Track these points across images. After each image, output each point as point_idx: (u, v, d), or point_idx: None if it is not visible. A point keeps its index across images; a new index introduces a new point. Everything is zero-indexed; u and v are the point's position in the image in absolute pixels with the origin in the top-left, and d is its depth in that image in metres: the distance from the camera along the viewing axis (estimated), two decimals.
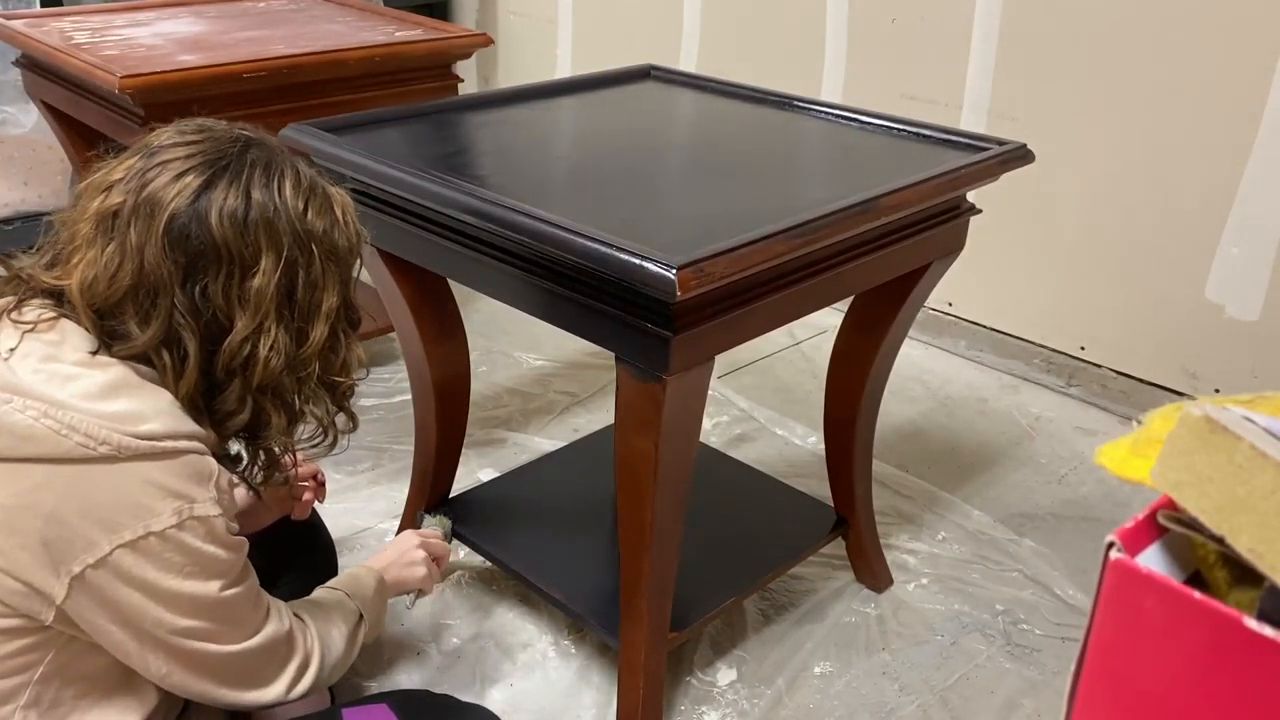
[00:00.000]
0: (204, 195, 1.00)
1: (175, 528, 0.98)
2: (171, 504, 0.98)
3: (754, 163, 1.49)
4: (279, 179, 1.04)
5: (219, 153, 1.02)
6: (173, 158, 1.01)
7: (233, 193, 1.01)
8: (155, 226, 0.99)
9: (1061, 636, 1.71)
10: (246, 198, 1.01)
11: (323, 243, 1.05)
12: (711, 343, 1.20)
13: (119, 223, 1.00)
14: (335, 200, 1.09)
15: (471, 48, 2.19)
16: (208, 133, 1.05)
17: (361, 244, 1.12)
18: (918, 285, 1.51)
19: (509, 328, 2.61)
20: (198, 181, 1.00)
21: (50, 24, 2.16)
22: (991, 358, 2.57)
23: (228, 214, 1.00)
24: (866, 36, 2.59)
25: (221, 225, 0.99)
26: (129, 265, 0.99)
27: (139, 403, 0.98)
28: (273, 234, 1.02)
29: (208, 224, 0.99)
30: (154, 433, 0.97)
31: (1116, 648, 0.63)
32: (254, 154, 1.04)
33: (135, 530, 0.96)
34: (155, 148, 1.03)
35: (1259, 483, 0.58)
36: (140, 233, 0.99)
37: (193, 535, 0.99)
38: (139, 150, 1.04)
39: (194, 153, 1.02)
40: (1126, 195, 2.25)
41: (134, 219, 0.99)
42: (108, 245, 1.00)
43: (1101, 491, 2.08)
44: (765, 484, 1.84)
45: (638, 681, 1.43)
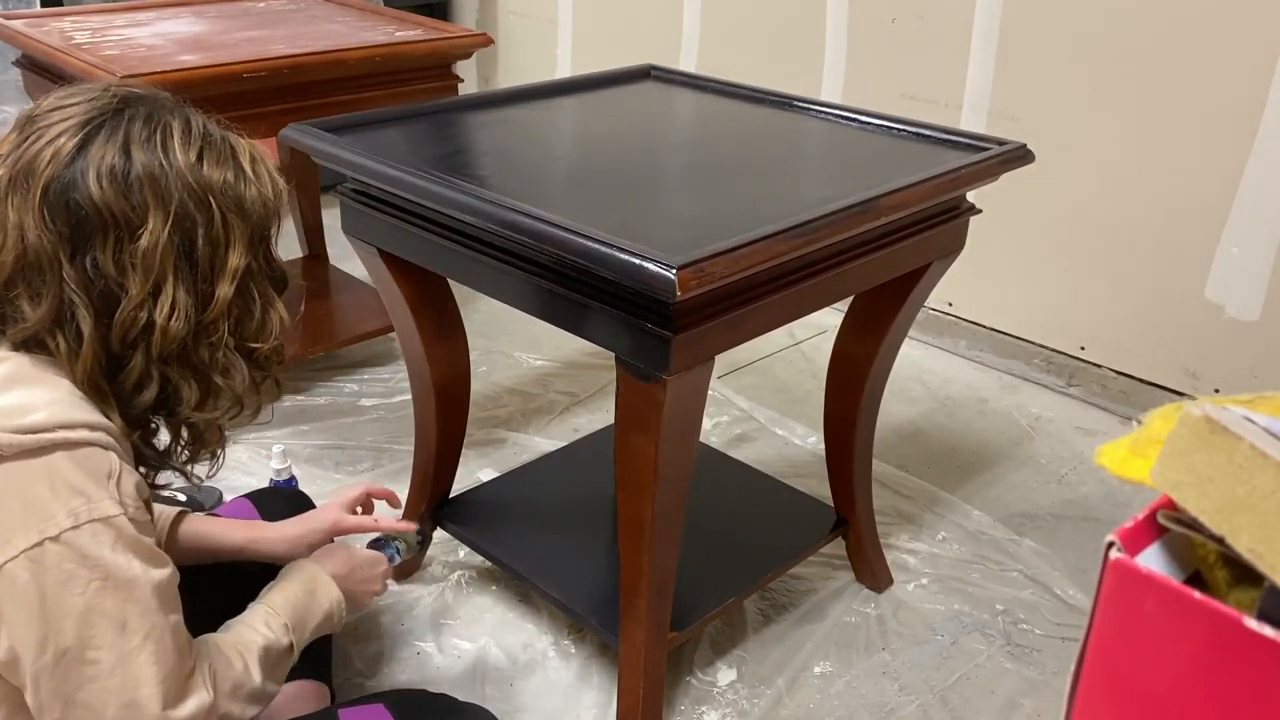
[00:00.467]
0: (80, 158, 0.93)
1: (73, 530, 0.88)
2: (65, 503, 0.88)
3: (754, 163, 1.49)
4: (163, 131, 0.97)
5: (94, 111, 0.96)
6: (47, 124, 0.95)
7: (110, 150, 0.94)
8: (32, 198, 0.93)
9: (1061, 636, 1.71)
10: (125, 154, 0.94)
11: (223, 194, 0.98)
12: (711, 343, 1.20)
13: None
14: (240, 150, 1.02)
15: (471, 48, 2.19)
16: (84, 94, 0.98)
17: (279, 196, 1.05)
18: (918, 285, 1.51)
19: (509, 328, 2.61)
20: (72, 143, 0.93)
21: (50, 24, 2.16)
22: (991, 358, 2.57)
23: (105, 173, 0.93)
24: (866, 36, 2.59)
25: (100, 187, 0.93)
26: (10, 242, 0.93)
27: (30, 394, 0.92)
28: (159, 189, 0.95)
29: (86, 188, 0.93)
30: (41, 424, 0.89)
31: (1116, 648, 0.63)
32: (133, 109, 0.98)
33: (29, 537, 0.87)
34: (32, 116, 0.97)
35: (1259, 483, 0.58)
36: (18, 207, 0.93)
37: (94, 540, 0.89)
38: (21, 121, 0.98)
39: (68, 115, 0.95)
40: (1126, 195, 2.25)
41: (10, 193, 0.94)
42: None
43: (1101, 491, 2.08)
44: (765, 484, 1.84)
45: (638, 681, 1.43)
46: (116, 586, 0.91)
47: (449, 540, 1.79)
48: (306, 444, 2.14)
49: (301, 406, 2.27)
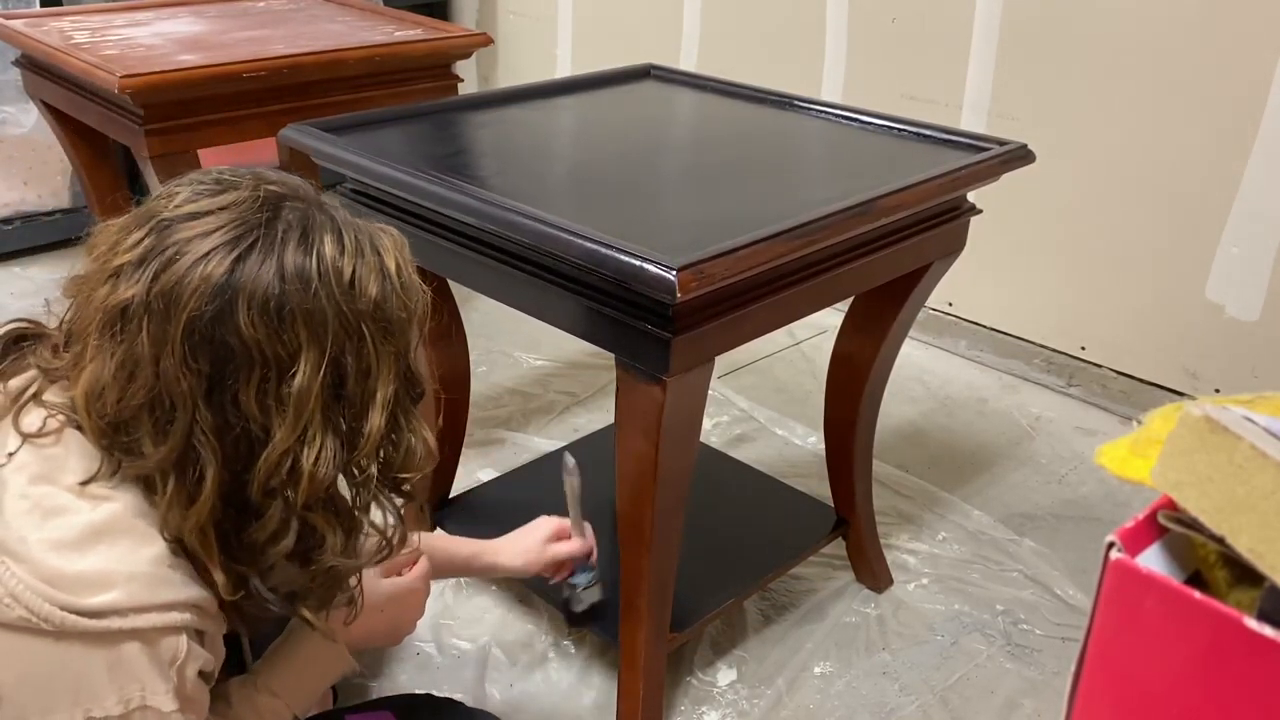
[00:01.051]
0: (229, 285, 0.82)
1: (120, 718, 0.83)
2: (118, 690, 0.82)
3: (754, 163, 1.49)
4: (319, 246, 0.86)
5: (245, 225, 0.85)
6: (190, 235, 0.84)
7: (264, 277, 0.83)
8: (173, 330, 0.82)
9: (1061, 636, 1.71)
10: (280, 281, 0.83)
11: (375, 317, 0.87)
12: (711, 344, 1.20)
13: (129, 323, 0.83)
14: (386, 253, 0.91)
15: (471, 47, 2.19)
16: (229, 194, 0.87)
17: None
18: (918, 286, 1.51)
19: (509, 328, 2.60)
20: (221, 269, 0.82)
21: (50, 24, 2.16)
22: (991, 358, 2.57)
23: (259, 306, 0.82)
24: (866, 36, 2.59)
25: (252, 323, 0.82)
26: (142, 376, 0.83)
27: (114, 559, 0.83)
28: (313, 323, 0.84)
29: (235, 323, 0.82)
30: (112, 607, 0.81)
31: (1116, 648, 0.63)
32: (287, 219, 0.86)
33: (71, 714, 0.82)
34: (168, 220, 0.85)
35: (1259, 483, 0.58)
36: (155, 337, 0.82)
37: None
38: (148, 219, 0.86)
39: (214, 227, 0.84)
40: (1126, 195, 2.25)
41: (147, 319, 0.82)
42: (116, 350, 0.83)
43: (1101, 491, 2.08)
44: (765, 484, 1.84)
45: (638, 682, 1.43)
46: None
47: None
48: None
49: None
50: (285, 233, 0.85)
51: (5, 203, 2.93)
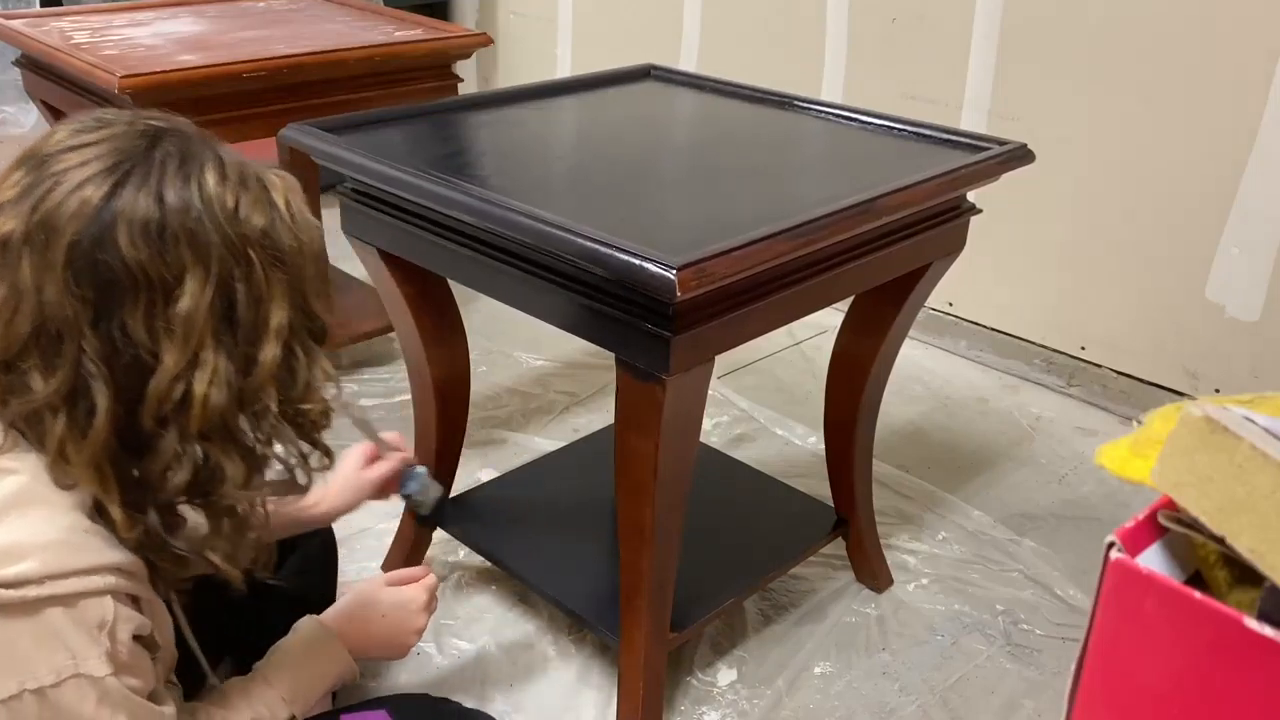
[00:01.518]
0: (107, 210, 0.82)
1: (54, 687, 0.83)
2: (49, 659, 0.83)
3: (754, 162, 1.49)
4: (199, 174, 0.86)
5: (122, 153, 0.85)
6: (67, 166, 0.84)
7: (143, 200, 0.83)
8: (54, 257, 0.82)
9: (1061, 636, 1.71)
10: (160, 204, 0.83)
11: (263, 245, 0.88)
12: (712, 343, 1.20)
13: (9, 255, 0.83)
14: (275, 189, 0.91)
15: (471, 48, 2.19)
16: (107, 129, 0.87)
17: (315, 238, 0.95)
18: (918, 285, 1.51)
19: (509, 328, 2.60)
20: (99, 194, 0.82)
21: (50, 24, 2.16)
22: (991, 358, 2.57)
23: (139, 229, 0.82)
24: (866, 36, 2.59)
25: (134, 245, 0.82)
26: (27, 308, 0.82)
27: (26, 530, 0.83)
28: (197, 244, 0.84)
29: (117, 247, 0.82)
30: (29, 575, 0.81)
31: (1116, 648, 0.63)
32: (165, 149, 0.86)
33: (6, 688, 0.82)
34: (45, 155, 0.86)
35: (1259, 483, 0.58)
36: (36, 267, 0.82)
37: (77, 697, 0.84)
38: (28, 159, 0.87)
39: (91, 157, 0.84)
40: (1126, 195, 2.25)
41: (28, 249, 0.82)
42: (0, 286, 0.83)
43: (1101, 491, 2.08)
44: (765, 484, 1.84)
45: (638, 682, 1.43)
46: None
47: (449, 540, 1.79)
48: None
49: None
50: (164, 160, 0.86)
51: None
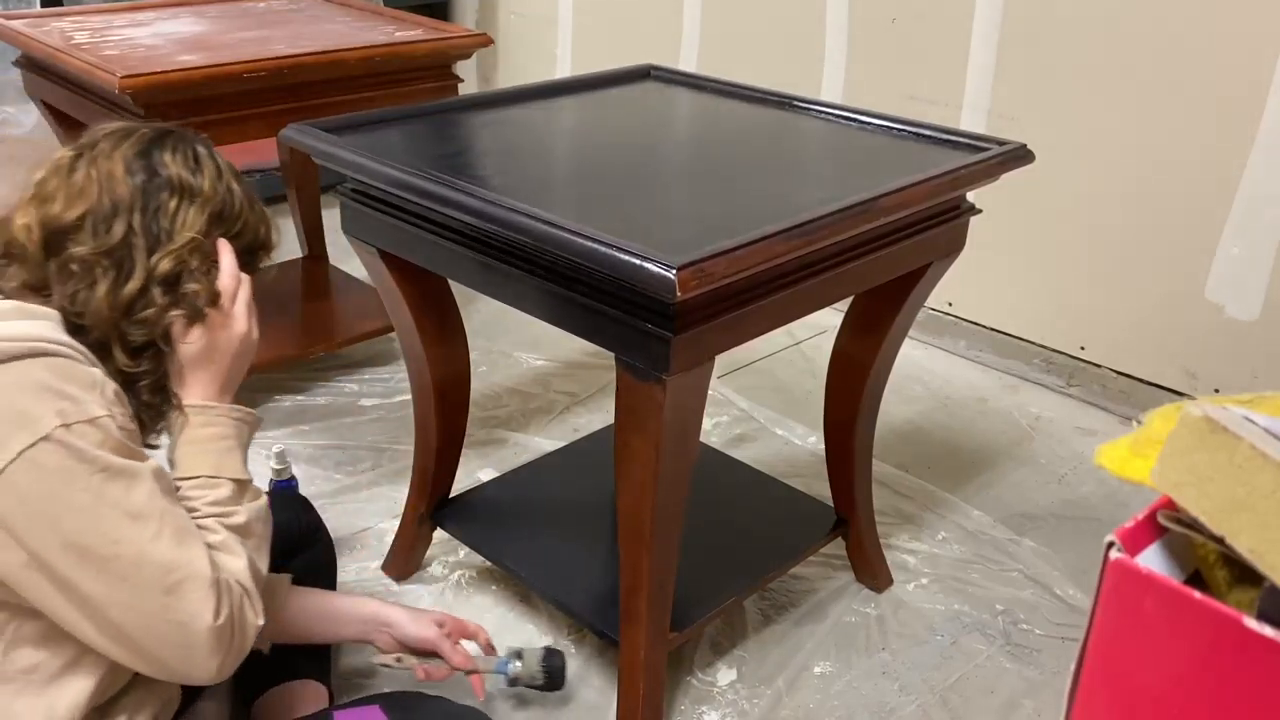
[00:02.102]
0: (147, 151, 1.10)
1: (63, 428, 0.92)
2: (52, 405, 0.92)
3: (754, 163, 1.49)
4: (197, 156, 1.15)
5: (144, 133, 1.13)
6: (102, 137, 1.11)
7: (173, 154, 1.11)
8: (114, 158, 1.08)
9: (1061, 636, 1.71)
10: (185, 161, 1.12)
11: (193, 195, 1.12)
12: (712, 343, 1.20)
13: (79, 160, 1.09)
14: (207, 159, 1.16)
15: (471, 48, 2.19)
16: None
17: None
18: (918, 285, 1.51)
19: (509, 328, 2.61)
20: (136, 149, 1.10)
21: (50, 24, 2.16)
22: (991, 358, 2.57)
23: (179, 155, 1.11)
24: (866, 36, 2.59)
25: (174, 161, 1.10)
26: (93, 187, 1.07)
27: (14, 320, 0.97)
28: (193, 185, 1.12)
29: (162, 158, 1.09)
30: (21, 334, 0.95)
31: (1116, 648, 0.63)
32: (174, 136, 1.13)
33: (22, 440, 0.91)
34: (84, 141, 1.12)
35: (1259, 483, 0.58)
36: (103, 159, 1.08)
37: (84, 439, 0.93)
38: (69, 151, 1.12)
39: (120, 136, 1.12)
40: (1126, 195, 2.25)
41: (88, 155, 1.09)
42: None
43: (1101, 491, 2.08)
44: (765, 484, 1.84)
45: (638, 681, 1.43)
46: (117, 476, 0.94)
47: (449, 540, 1.79)
48: (306, 444, 2.14)
49: (301, 406, 2.27)
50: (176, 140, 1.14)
51: (5, 203, 2.93)
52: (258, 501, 1.11)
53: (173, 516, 0.98)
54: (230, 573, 1.02)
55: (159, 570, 0.95)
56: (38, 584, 0.94)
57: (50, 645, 0.99)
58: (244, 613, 1.02)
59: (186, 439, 1.10)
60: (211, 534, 1.04)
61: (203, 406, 1.11)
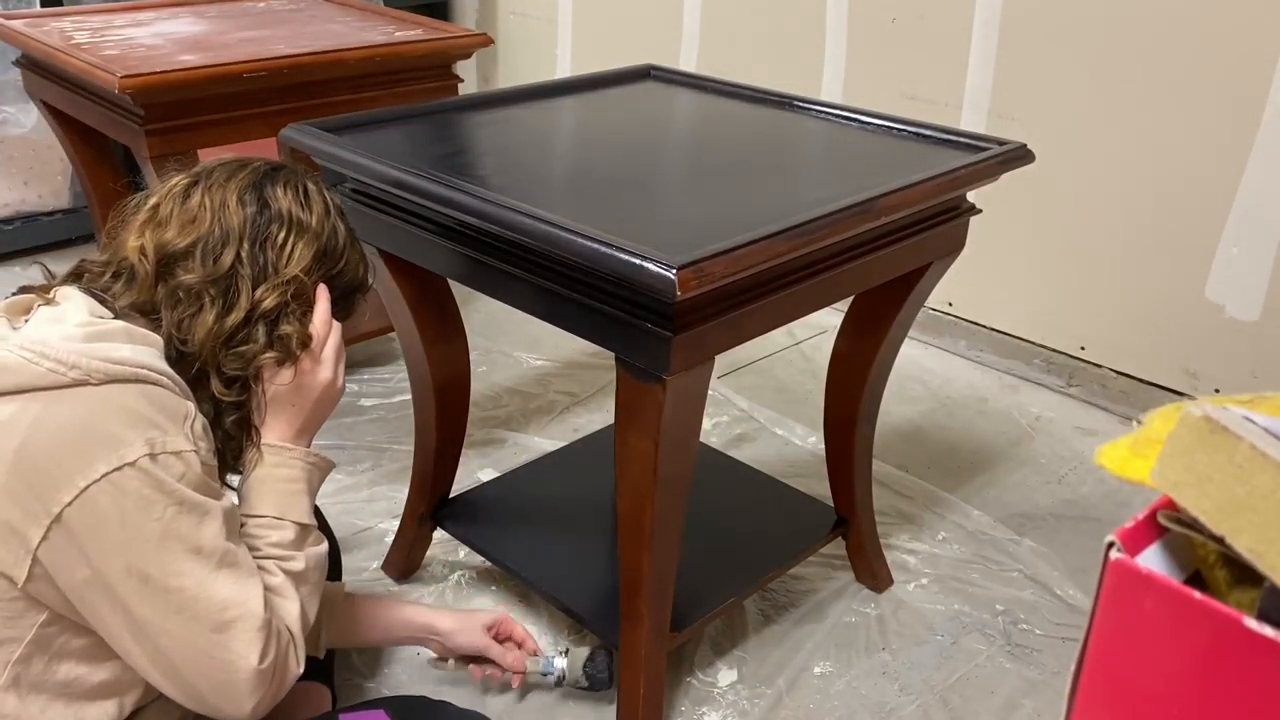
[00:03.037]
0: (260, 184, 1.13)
1: (149, 458, 0.94)
2: (142, 433, 0.94)
3: (754, 163, 1.49)
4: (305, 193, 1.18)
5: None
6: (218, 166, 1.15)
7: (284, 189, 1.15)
8: (228, 188, 1.11)
9: (1061, 636, 1.71)
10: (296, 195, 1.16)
11: (300, 230, 1.14)
12: (711, 343, 1.20)
13: (195, 187, 1.12)
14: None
15: (471, 48, 2.19)
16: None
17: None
18: (917, 285, 1.51)
19: (509, 328, 2.61)
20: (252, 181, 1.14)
21: (50, 24, 2.16)
22: (991, 358, 2.57)
23: (290, 188, 1.14)
24: (866, 36, 2.59)
25: (284, 195, 1.13)
26: (206, 214, 1.10)
27: (121, 344, 0.99)
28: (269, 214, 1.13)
29: (273, 190, 1.13)
30: (126, 359, 0.97)
31: (1116, 648, 0.63)
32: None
33: (109, 462, 0.92)
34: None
35: (1259, 483, 0.58)
36: (217, 188, 1.11)
37: (167, 471, 0.95)
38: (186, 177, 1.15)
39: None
40: (1126, 195, 2.25)
41: (204, 183, 1.11)
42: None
43: (1101, 491, 2.08)
44: (765, 484, 1.84)
45: (638, 682, 1.43)
46: (190, 511, 0.97)
47: (449, 540, 1.79)
48: None
49: None
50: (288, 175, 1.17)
51: (5, 203, 2.94)
52: (319, 548, 1.14)
53: (235, 556, 1.01)
54: (282, 617, 1.05)
55: (214, 607, 0.98)
56: (96, 602, 0.96)
57: (93, 662, 1.01)
58: (288, 659, 1.04)
59: (259, 477, 1.12)
60: (270, 576, 1.06)
61: (279, 447, 1.13)
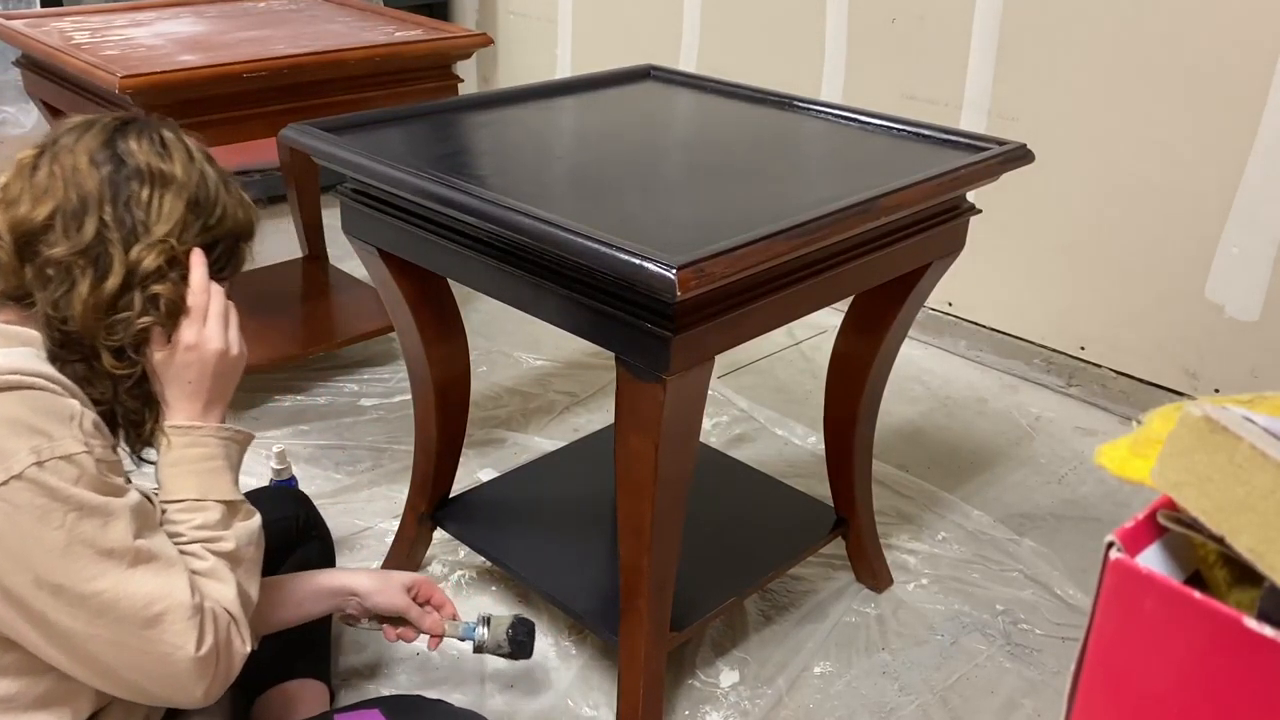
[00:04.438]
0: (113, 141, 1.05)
1: (36, 466, 0.89)
2: (26, 442, 0.89)
3: (754, 163, 1.49)
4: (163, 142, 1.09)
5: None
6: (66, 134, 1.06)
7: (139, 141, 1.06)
8: (79, 151, 1.03)
9: (1061, 636, 1.71)
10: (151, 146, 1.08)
11: (165, 182, 1.07)
12: (711, 343, 1.20)
13: (42, 158, 1.03)
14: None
15: (471, 48, 2.19)
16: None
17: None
18: (918, 285, 1.51)
19: (509, 328, 2.61)
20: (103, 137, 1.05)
21: (50, 24, 2.16)
22: (991, 358, 2.57)
23: (145, 141, 1.06)
24: (866, 36, 2.59)
25: (141, 149, 1.05)
26: (58, 183, 1.02)
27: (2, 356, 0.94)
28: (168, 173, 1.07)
29: (129, 146, 1.05)
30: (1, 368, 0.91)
31: (1116, 648, 0.63)
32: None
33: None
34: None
35: (1259, 483, 0.58)
36: (68, 152, 1.03)
37: (59, 477, 0.90)
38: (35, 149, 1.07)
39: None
40: (1126, 195, 2.25)
41: (52, 153, 1.03)
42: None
43: (1101, 491, 2.08)
44: (765, 484, 1.84)
45: (638, 682, 1.43)
46: (92, 514, 0.92)
47: (449, 540, 1.79)
48: (306, 444, 2.14)
49: (301, 406, 2.27)
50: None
51: None
52: (249, 522, 1.08)
53: (151, 549, 0.96)
54: (216, 600, 1.00)
55: (137, 604, 0.94)
56: (12, 620, 0.92)
57: (30, 675, 0.97)
58: (230, 640, 1.00)
59: (170, 460, 1.06)
60: (198, 560, 1.01)
61: (187, 427, 1.06)
